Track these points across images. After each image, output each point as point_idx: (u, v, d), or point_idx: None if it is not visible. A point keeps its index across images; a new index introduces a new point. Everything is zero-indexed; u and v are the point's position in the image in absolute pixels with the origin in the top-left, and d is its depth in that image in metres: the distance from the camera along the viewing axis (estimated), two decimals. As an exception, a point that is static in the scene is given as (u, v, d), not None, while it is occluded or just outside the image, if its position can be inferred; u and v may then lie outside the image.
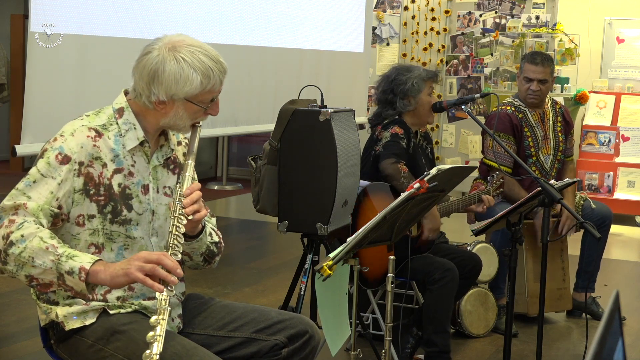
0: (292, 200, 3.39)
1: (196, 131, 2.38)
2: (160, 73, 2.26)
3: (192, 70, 2.26)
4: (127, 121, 2.33)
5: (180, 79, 2.25)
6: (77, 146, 2.26)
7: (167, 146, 2.43)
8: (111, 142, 2.31)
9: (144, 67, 2.28)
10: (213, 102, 2.36)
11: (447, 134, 8.69)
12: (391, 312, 2.66)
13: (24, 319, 4.33)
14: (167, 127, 2.37)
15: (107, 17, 4.72)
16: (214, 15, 5.70)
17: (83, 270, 2.10)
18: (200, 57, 2.28)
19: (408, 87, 3.93)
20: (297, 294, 3.40)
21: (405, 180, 3.71)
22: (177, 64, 2.26)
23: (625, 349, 1.36)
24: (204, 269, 2.54)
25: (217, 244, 2.49)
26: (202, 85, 2.28)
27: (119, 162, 2.31)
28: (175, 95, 2.27)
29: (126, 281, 2.11)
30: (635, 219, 7.78)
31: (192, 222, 2.29)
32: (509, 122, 4.50)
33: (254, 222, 7.19)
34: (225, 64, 2.35)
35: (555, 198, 3.17)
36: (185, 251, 2.39)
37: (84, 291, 2.14)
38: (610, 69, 8.31)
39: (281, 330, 2.43)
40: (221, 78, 2.33)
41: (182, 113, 2.31)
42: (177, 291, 2.45)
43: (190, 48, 2.29)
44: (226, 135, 8.47)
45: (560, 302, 4.63)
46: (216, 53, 2.34)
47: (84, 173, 2.26)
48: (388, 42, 8.63)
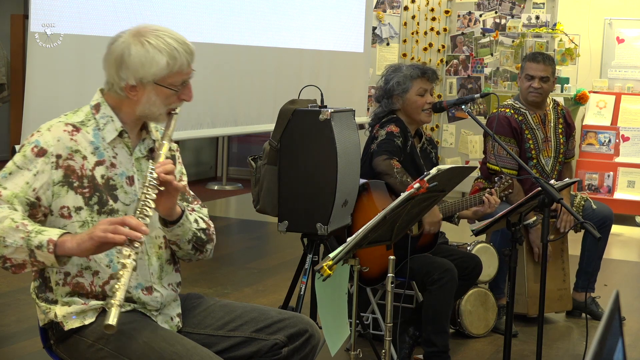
0: (292, 200, 3.39)
1: (172, 118, 2.38)
2: (126, 57, 2.28)
3: (157, 52, 2.28)
4: (104, 115, 2.36)
5: (146, 61, 2.28)
6: (54, 139, 2.29)
7: (149, 138, 2.44)
8: (90, 136, 2.33)
9: (111, 55, 2.32)
10: (185, 85, 2.37)
11: (447, 134, 8.68)
12: (391, 312, 2.66)
13: (24, 319, 4.32)
14: (144, 116, 2.37)
15: (107, 17, 4.72)
16: (214, 15, 5.70)
17: (51, 242, 2.13)
18: (165, 39, 2.30)
19: (392, 87, 3.94)
20: (297, 294, 3.40)
21: (398, 176, 3.72)
22: (142, 47, 2.28)
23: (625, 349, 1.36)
24: (199, 261, 2.53)
25: (205, 230, 2.47)
26: (169, 67, 2.30)
27: (99, 155, 2.33)
28: (144, 78, 2.29)
29: (92, 245, 2.12)
30: (635, 219, 7.78)
31: (167, 200, 2.28)
32: (508, 125, 4.49)
33: (254, 222, 7.19)
34: (192, 46, 2.36)
35: (556, 198, 3.17)
36: (171, 240, 2.40)
37: (54, 265, 2.17)
38: (610, 69, 8.31)
39: (281, 330, 2.43)
40: (188, 59, 2.34)
41: (154, 98, 2.33)
42: (172, 281, 2.46)
43: (155, 32, 2.32)
44: (226, 135, 8.46)
45: (561, 303, 4.63)
46: (182, 36, 2.36)
47: (63, 166, 2.28)
48: (388, 42, 8.63)
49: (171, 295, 2.44)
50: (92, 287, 2.31)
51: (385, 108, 3.98)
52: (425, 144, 4.05)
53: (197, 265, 5.53)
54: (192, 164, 9.63)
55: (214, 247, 2.55)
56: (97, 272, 2.31)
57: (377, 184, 3.77)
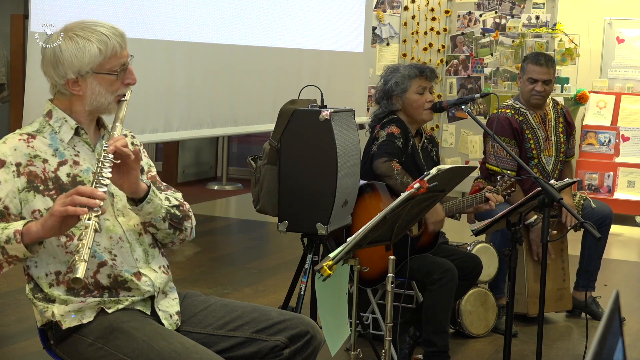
0: (292, 200, 3.39)
1: (122, 104, 2.39)
2: (59, 54, 2.32)
3: (86, 41, 2.31)
4: (57, 118, 2.38)
5: (78, 52, 2.31)
6: (10, 150, 2.31)
7: (108, 133, 2.44)
8: (47, 140, 2.35)
9: (45, 58, 2.35)
10: (125, 69, 2.38)
11: (447, 134, 8.69)
12: (391, 312, 2.66)
13: (24, 319, 4.33)
14: (94, 109, 2.39)
15: (107, 17, 4.71)
16: (213, 15, 5.70)
17: (17, 232, 2.16)
18: (92, 28, 2.33)
19: (390, 87, 3.94)
20: (297, 294, 3.40)
21: (398, 177, 3.72)
22: (71, 41, 2.32)
23: (625, 349, 1.36)
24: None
25: (179, 207, 2.48)
26: (102, 53, 2.32)
27: (60, 155, 2.35)
28: (81, 69, 2.31)
29: (55, 221, 2.13)
30: (635, 219, 7.78)
31: (128, 176, 2.29)
32: (509, 125, 4.49)
33: (254, 222, 7.18)
34: (120, 30, 2.38)
35: (556, 198, 3.17)
36: (147, 222, 2.40)
37: (27, 254, 2.19)
38: (610, 69, 8.31)
39: (282, 331, 2.43)
40: (119, 41, 2.35)
41: (97, 88, 2.34)
42: (162, 264, 2.46)
43: (81, 24, 2.35)
44: (226, 135, 8.46)
45: (561, 302, 4.63)
46: (110, 23, 2.38)
47: (24, 172, 2.30)
48: (388, 42, 8.63)
49: (163, 278, 2.44)
50: (84, 280, 2.31)
51: (386, 109, 3.98)
52: (425, 143, 4.05)
53: (197, 265, 5.54)
54: (192, 164, 9.63)
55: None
56: None
57: (382, 186, 3.77)
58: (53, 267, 2.32)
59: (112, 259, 2.33)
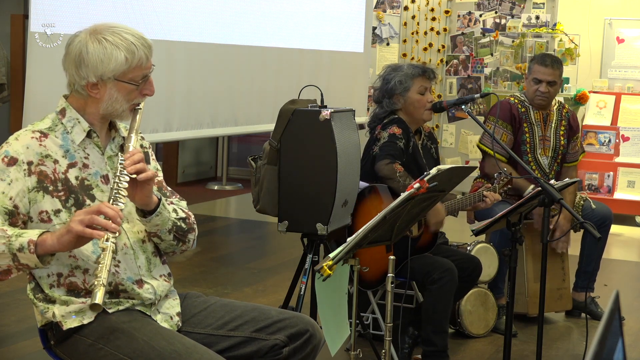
0: (292, 200, 3.39)
1: (137, 113, 2.38)
2: (85, 55, 2.29)
3: (114, 48, 2.29)
4: (70, 118, 2.36)
5: (105, 57, 2.29)
6: (22, 147, 2.30)
7: (119, 136, 2.45)
8: (59, 140, 2.34)
9: (69, 55, 2.33)
10: (146, 80, 2.37)
11: (447, 134, 8.69)
12: (391, 312, 2.66)
13: (24, 319, 4.33)
14: (108, 114, 2.38)
15: (107, 17, 4.72)
16: (213, 15, 5.70)
17: (31, 242, 2.14)
18: (122, 35, 2.31)
19: (393, 86, 3.94)
20: (297, 294, 3.40)
21: (401, 179, 3.71)
22: (99, 44, 2.29)
23: (625, 349, 1.36)
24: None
25: (185, 219, 2.48)
26: (128, 62, 2.30)
27: (70, 157, 2.34)
28: (104, 75, 2.30)
29: (70, 238, 2.13)
30: (635, 219, 7.78)
31: (142, 190, 2.29)
32: (509, 110, 4.53)
33: (254, 222, 7.18)
34: (149, 40, 2.37)
35: (556, 198, 3.17)
36: (152, 232, 2.41)
37: (38, 265, 2.18)
38: (610, 69, 8.31)
39: (281, 330, 2.43)
40: (146, 53, 2.34)
41: (116, 95, 2.33)
42: (162, 272, 2.46)
43: (111, 29, 2.33)
44: (226, 135, 8.46)
45: (560, 302, 4.63)
46: (139, 31, 2.36)
47: (35, 172, 2.29)
48: (388, 42, 8.63)
49: (165, 285, 2.44)
50: (85, 285, 2.32)
51: (387, 108, 3.97)
52: (425, 140, 4.05)
53: (197, 265, 5.54)
54: (192, 164, 9.63)
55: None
56: (86, 270, 2.32)
57: (384, 188, 3.77)
58: (55, 269, 2.32)
59: (115, 266, 2.33)
